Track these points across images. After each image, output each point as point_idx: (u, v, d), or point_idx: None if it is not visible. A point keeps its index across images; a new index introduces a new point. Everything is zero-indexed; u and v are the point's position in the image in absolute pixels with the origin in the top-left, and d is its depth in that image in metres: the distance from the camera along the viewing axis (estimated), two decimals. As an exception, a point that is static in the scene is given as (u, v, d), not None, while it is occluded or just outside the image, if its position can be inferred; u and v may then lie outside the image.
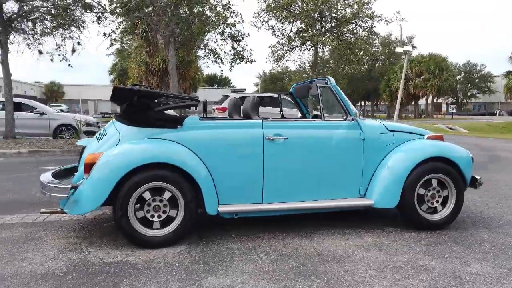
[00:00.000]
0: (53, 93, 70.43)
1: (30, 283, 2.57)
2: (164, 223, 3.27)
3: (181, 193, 3.25)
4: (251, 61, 13.47)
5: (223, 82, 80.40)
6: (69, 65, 12.37)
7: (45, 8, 10.48)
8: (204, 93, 27.50)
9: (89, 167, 3.16)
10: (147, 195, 3.22)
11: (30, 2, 10.22)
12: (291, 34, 12.12)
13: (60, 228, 3.75)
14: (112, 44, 12.66)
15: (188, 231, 3.33)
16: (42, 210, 3.43)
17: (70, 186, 3.16)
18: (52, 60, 12.16)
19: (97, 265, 2.87)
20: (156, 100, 3.40)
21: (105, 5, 10.36)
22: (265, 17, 12.01)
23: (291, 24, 12.06)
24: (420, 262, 2.99)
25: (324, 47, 12.16)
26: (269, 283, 2.60)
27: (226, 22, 11.93)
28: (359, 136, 3.75)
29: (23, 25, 10.84)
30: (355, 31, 12.02)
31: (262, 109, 13.85)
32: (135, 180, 3.15)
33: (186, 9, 11.52)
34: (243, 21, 12.79)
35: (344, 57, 12.16)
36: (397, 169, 3.70)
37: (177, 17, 11.10)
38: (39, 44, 12.26)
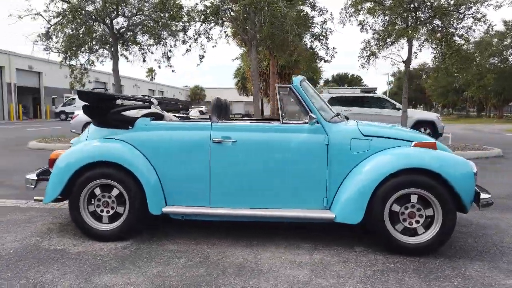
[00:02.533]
0: (196, 96, 78.37)
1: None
2: (113, 218, 3.47)
3: (127, 191, 3.41)
4: (327, 61, 12.90)
5: (354, 81, 78.21)
6: (172, 71, 13.72)
7: (147, 21, 11.82)
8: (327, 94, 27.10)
9: (52, 162, 3.55)
10: (97, 191, 3.47)
11: (134, 17, 11.66)
12: (380, 29, 11.20)
13: (53, 216, 4.24)
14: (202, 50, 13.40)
15: (134, 228, 3.47)
16: (35, 198, 3.96)
17: (35, 178, 3.61)
18: (159, 67, 13.65)
19: (41, 250, 3.22)
20: (115, 102, 3.63)
21: (191, 14, 11.16)
22: (353, 12, 11.36)
23: (381, 17, 11.17)
24: (313, 283, 2.60)
25: (416, 41, 10.90)
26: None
27: (312, 22, 11.66)
28: (322, 141, 3.37)
29: (135, 37, 12.38)
30: (454, 21, 10.46)
31: (355, 109, 13.30)
32: (86, 176, 3.43)
33: (280, 10, 11.59)
34: (333, 18, 12.35)
35: (442, 51, 10.73)
36: (363, 180, 3.22)
37: (266, 19, 11.28)
38: (152, 53, 13.91)
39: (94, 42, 12.52)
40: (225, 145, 3.41)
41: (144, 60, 13.34)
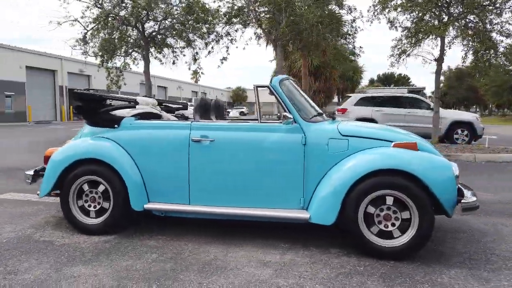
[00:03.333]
0: (238, 97, 79.29)
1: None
2: (99, 213, 3.65)
3: (111, 187, 3.57)
4: (352, 60, 12.58)
5: (401, 81, 75.68)
6: (202, 72, 14.02)
7: (176, 25, 12.18)
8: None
9: (46, 159, 3.79)
10: (86, 187, 3.65)
11: (164, 21, 12.07)
12: (410, 26, 10.80)
13: (57, 210, 4.48)
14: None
15: (118, 223, 3.62)
16: (38, 192, 4.23)
17: (32, 174, 3.86)
18: (189, 69, 14.04)
19: (30, 241, 3.45)
20: (105, 102, 3.81)
21: (214, 16, 11.35)
22: (381, 10, 11.05)
23: (411, 14, 10.77)
24: (270, 282, 2.57)
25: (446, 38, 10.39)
26: (112, 280, 2.69)
27: (340, 21, 11.45)
28: (299, 140, 3.34)
29: (165, 41, 12.81)
30: (490, 17, 9.86)
31: (387, 110, 12.91)
32: (75, 173, 3.62)
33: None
34: (362, 16, 12.07)
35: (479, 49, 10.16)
36: (337, 180, 3.16)
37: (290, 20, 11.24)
38: (184, 55, 14.31)
39: (129, 46, 13.04)
40: (203, 144, 3.47)
41: (173, 63, 13.74)
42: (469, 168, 7.90)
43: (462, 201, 3.04)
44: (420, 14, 10.20)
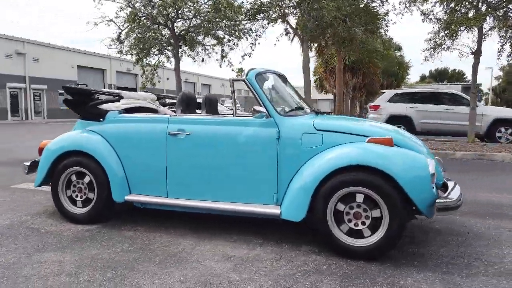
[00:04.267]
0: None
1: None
2: (85, 203, 3.79)
3: (95, 178, 3.69)
4: (391, 56, 12.04)
5: (455, 77, 72.00)
6: (232, 69, 14.15)
7: (205, 23, 12.36)
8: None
9: (40, 151, 3.99)
10: (73, 178, 3.81)
11: (193, 19, 12.28)
12: (444, 18, 10.22)
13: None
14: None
15: (101, 213, 3.73)
16: None
17: (28, 165, 4.07)
18: (220, 66, 14.19)
19: (19, 228, 3.64)
20: (94, 96, 3.94)
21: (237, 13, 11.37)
22: (413, 1, 10.56)
23: (446, 4, 10.19)
24: (223, 276, 2.53)
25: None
26: (72, 267, 2.78)
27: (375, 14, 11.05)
28: (273, 135, 3.27)
29: (193, 38, 13.07)
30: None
31: (423, 106, 12.33)
32: (63, 164, 3.79)
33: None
34: (394, 9, 11.58)
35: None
36: (308, 176, 3.07)
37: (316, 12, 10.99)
38: (216, 53, 14.51)
39: (162, 44, 13.41)
40: (179, 138, 3.50)
41: (202, 60, 13.94)
42: (497, 168, 7.37)
43: (438, 200, 2.84)
44: (453, 4, 9.61)
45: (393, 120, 12.82)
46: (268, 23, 11.41)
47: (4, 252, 3.05)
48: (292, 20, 11.85)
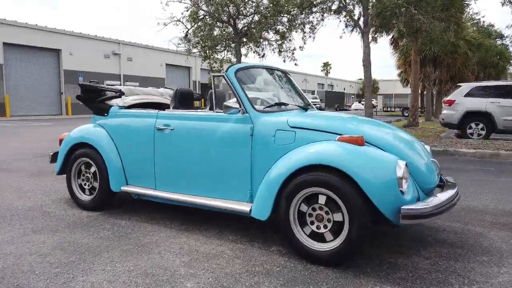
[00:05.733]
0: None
1: (-5, 210, 4.10)
2: (91, 191, 4.11)
3: (98, 168, 3.99)
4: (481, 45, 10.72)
5: None
6: (295, 64, 14.01)
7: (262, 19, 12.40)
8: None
9: (61, 142, 4.41)
10: (83, 168, 4.16)
11: (253, 16, 12.40)
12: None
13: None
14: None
15: (104, 201, 4.01)
16: None
17: (51, 154, 4.52)
18: (284, 61, 14.15)
19: (34, 210, 4.07)
20: (101, 93, 4.24)
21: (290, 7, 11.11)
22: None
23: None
24: (170, 269, 2.56)
25: None
26: (48, 249, 3.05)
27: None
28: (247, 131, 3.23)
29: (252, 34, 13.20)
30: None
31: (506, 101, 10.96)
32: (75, 155, 4.16)
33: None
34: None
35: None
36: (274, 174, 2.98)
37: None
38: (281, 48, 14.51)
39: (227, 41, 13.79)
40: (165, 132, 3.62)
41: (262, 56, 13.98)
42: None
43: (403, 207, 2.56)
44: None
45: (470, 116, 11.65)
46: (322, 15, 11.03)
47: (6, 231, 3.46)
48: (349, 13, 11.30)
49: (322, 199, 2.78)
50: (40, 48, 25.83)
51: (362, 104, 52.52)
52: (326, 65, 77.66)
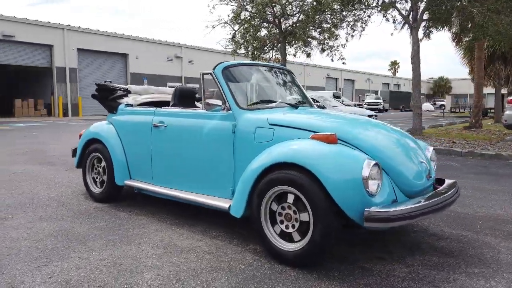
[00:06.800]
0: (439, 88, 71.68)
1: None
2: (101, 184, 4.35)
3: (106, 163, 4.22)
4: None
5: None
6: (343, 63, 13.65)
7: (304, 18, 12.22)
8: None
9: (80, 137, 4.73)
10: (95, 162, 4.42)
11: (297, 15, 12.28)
12: None
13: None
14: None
15: (111, 194, 4.23)
16: None
17: (73, 149, 4.85)
18: (332, 60, 13.86)
19: (53, 200, 4.40)
20: (114, 92, 4.47)
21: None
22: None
23: None
24: (138, 260, 2.63)
25: None
26: (42, 234, 3.29)
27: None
28: (230, 128, 3.23)
29: (296, 34, 13.06)
30: None
31: None
32: (88, 150, 4.44)
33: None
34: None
35: None
36: (247, 172, 2.95)
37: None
38: (331, 47, 14.24)
39: (274, 42, 13.82)
40: (160, 129, 3.73)
41: (308, 55, 13.76)
42: None
43: (366, 209, 2.41)
44: None
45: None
46: (366, 10, 10.54)
47: (18, 217, 3.78)
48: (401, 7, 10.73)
49: (290, 198, 2.70)
50: (109, 52, 27.75)
51: (433, 105, 49.61)
52: (393, 64, 74.63)
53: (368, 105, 38.73)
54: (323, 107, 3.34)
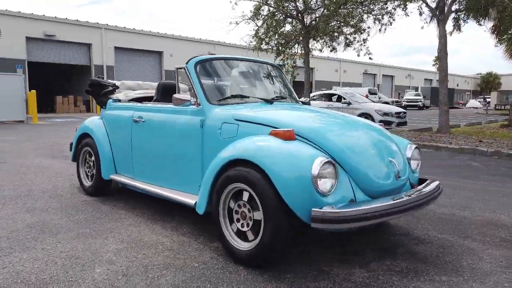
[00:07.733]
0: (488, 84, 68.19)
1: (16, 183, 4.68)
2: (92, 177, 4.44)
3: (95, 157, 4.29)
4: None
5: None
6: (370, 58, 13.20)
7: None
8: None
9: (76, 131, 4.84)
10: (87, 156, 4.51)
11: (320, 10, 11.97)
12: None
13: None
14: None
15: (99, 187, 4.29)
16: None
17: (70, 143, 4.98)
18: (358, 55, 13.46)
19: (48, 192, 4.54)
20: (106, 87, 4.53)
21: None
22: None
23: None
24: (97, 254, 2.64)
25: None
26: (22, 225, 3.38)
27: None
28: (198, 123, 3.18)
29: (318, 29, 12.76)
30: None
31: None
32: (81, 144, 4.54)
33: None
34: None
35: None
36: (209, 168, 2.89)
37: None
38: (357, 41, 13.86)
39: (298, 37, 13.61)
40: (139, 124, 3.74)
41: (332, 50, 13.40)
42: None
43: (313, 208, 2.28)
44: None
45: None
46: (385, 3, 10.06)
47: (7, 208, 3.91)
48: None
49: (245, 196, 2.62)
50: (144, 50, 28.47)
51: (480, 102, 47.15)
52: (437, 59, 71.78)
53: (407, 101, 37.40)
54: (306, 103, 3.14)
